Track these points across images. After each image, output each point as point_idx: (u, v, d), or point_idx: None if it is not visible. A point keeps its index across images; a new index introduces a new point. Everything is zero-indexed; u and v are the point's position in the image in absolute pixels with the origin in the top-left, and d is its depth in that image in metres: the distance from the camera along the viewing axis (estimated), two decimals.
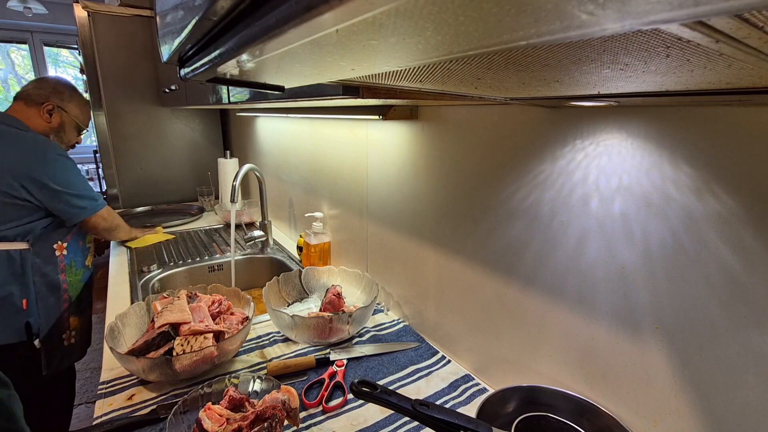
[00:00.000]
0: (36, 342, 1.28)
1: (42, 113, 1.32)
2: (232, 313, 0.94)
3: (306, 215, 1.42)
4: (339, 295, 1.03)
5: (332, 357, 0.88)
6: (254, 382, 0.74)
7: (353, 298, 1.11)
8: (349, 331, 0.94)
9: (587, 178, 0.59)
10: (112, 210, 1.42)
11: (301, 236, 1.40)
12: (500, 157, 0.72)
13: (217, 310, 0.93)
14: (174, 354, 0.77)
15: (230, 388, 0.69)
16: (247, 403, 0.69)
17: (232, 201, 1.27)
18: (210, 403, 0.66)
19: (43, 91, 1.33)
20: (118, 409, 0.73)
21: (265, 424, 0.61)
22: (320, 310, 1.02)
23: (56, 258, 1.31)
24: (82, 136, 1.49)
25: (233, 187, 1.27)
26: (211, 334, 0.82)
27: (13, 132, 1.23)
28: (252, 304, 0.96)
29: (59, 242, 1.31)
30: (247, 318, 0.92)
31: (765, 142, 0.43)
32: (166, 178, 2.17)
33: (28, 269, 1.24)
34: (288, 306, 1.11)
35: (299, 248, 1.43)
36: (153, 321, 0.86)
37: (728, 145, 0.46)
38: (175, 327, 0.83)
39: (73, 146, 1.46)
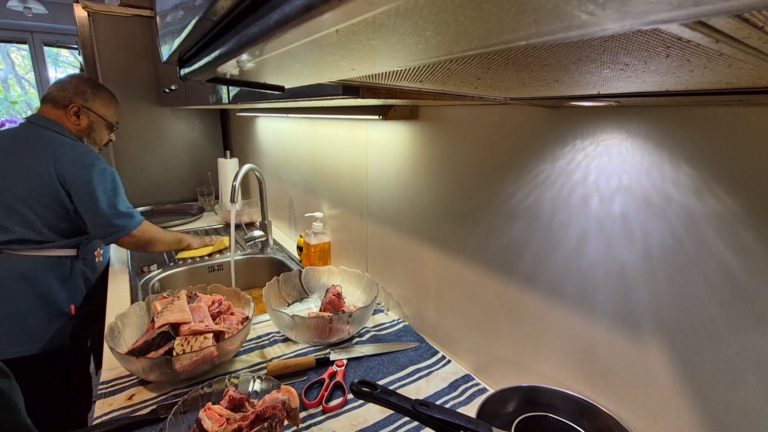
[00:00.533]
0: (89, 344, 1.33)
1: (69, 116, 1.25)
2: (232, 313, 0.94)
3: (306, 215, 1.42)
4: (339, 295, 1.03)
5: (332, 357, 0.88)
6: (254, 382, 0.74)
7: (353, 298, 1.11)
8: (349, 331, 0.94)
9: (587, 178, 0.59)
10: (149, 224, 1.34)
11: (301, 236, 1.40)
12: (500, 157, 0.72)
13: (217, 310, 0.93)
14: (174, 354, 0.77)
15: (230, 388, 0.69)
16: (247, 403, 0.69)
17: (232, 201, 1.27)
18: (210, 403, 0.66)
19: (65, 93, 1.25)
20: (118, 409, 0.73)
21: (265, 424, 0.61)
22: (320, 310, 1.02)
23: (96, 264, 1.34)
24: (114, 134, 1.41)
25: (233, 187, 1.27)
26: (211, 334, 0.82)
27: (58, 138, 1.20)
28: (252, 304, 0.96)
29: (99, 249, 1.36)
30: (247, 318, 0.92)
31: (765, 142, 0.43)
32: (166, 178, 2.17)
33: (77, 275, 1.26)
34: (288, 306, 1.11)
35: (299, 248, 1.43)
36: (153, 321, 0.86)
37: (728, 145, 0.46)
38: (175, 327, 0.83)
39: (106, 145, 1.40)
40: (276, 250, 1.56)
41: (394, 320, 1.05)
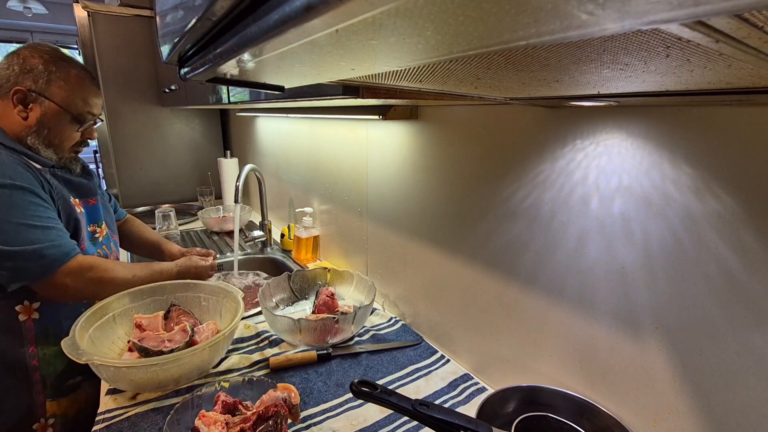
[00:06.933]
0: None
1: (14, 105, 0.85)
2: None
3: (297, 210, 1.47)
4: (332, 296, 1.02)
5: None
6: (245, 384, 0.73)
7: (346, 296, 1.11)
8: (352, 330, 0.94)
9: (587, 178, 0.59)
10: (93, 260, 0.87)
11: (287, 227, 1.49)
12: (500, 157, 0.72)
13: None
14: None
15: (221, 393, 0.68)
16: (240, 406, 0.67)
17: (236, 201, 1.28)
18: (203, 411, 0.65)
19: (9, 71, 0.85)
20: (123, 407, 0.73)
21: (270, 422, 0.61)
22: (312, 312, 1.02)
23: (18, 325, 0.88)
24: (93, 129, 0.98)
25: (236, 187, 1.27)
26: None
27: None
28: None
29: (25, 302, 0.88)
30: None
31: (765, 142, 0.43)
32: (166, 178, 2.17)
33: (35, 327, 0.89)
34: (281, 311, 1.10)
35: (282, 235, 1.50)
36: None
37: (728, 145, 0.46)
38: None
39: (78, 148, 0.97)
40: (276, 250, 1.56)
41: (391, 319, 1.05)
